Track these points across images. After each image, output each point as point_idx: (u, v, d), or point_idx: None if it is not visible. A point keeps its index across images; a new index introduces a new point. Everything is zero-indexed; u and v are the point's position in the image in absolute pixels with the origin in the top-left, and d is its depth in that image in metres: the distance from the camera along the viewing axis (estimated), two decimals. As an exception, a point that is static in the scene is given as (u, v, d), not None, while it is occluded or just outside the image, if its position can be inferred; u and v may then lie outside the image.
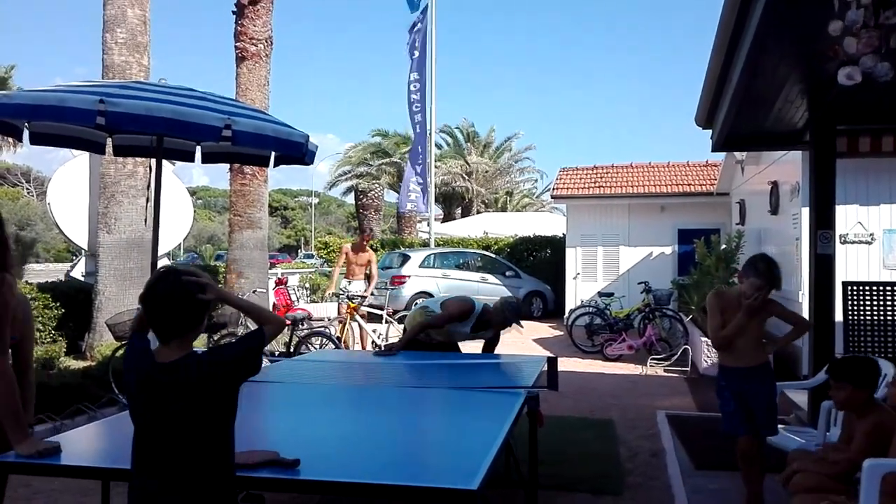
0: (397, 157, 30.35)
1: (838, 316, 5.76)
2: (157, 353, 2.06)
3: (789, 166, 8.94)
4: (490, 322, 5.34)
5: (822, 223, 5.72)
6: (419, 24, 17.64)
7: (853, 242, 8.55)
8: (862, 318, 5.81)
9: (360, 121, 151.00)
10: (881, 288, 5.87)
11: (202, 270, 2.42)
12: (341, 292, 10.13)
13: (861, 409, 3.28)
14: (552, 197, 17.04)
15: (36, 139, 5.12)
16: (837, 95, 5.04)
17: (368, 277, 10.43)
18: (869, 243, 8.54)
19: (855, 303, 5.84)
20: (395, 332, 11.21)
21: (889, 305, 5.77)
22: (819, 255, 5.70)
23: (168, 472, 2.00)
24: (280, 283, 13.11)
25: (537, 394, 3.41)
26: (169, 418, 1.99)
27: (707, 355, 8.95)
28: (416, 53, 17.70)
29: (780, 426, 4.55)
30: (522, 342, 12.47)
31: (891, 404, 3.32)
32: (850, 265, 8.38)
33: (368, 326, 9.94)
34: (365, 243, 10.80)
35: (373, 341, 9.73)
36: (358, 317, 9.75)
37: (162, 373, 2.00)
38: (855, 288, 5.90)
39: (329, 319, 10.13)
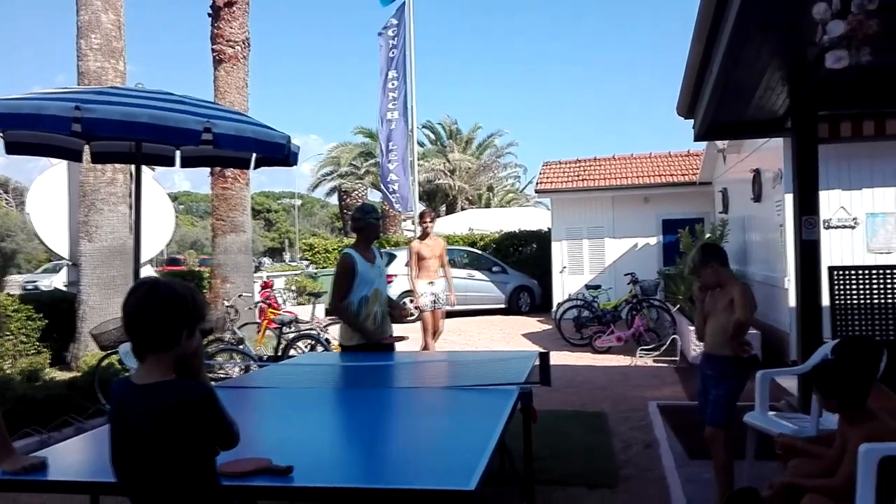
0: (381, 156, 30.21)
1: (825, 300, 5.79)
2: (136, 374, 1.99)
3: (771, 153, 8.98)
4: (363, 236, 4.90)
5: (807, 209, 5.74)
6: (395, 22, 17.53)
7: (837, 227, 8.61)
8: (848, 301, 5.83)
9: (342, 121, 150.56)
10: (867, 271, 5.90)
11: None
12: (431, 297, 8.47)
13: (852, 418, 2.98)
14: (536, 191, 17.04)
15: (11, 149, 5.04)
16: (818, 81, 5.06)
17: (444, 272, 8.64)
18: (852, 227, 8.61)
19: (841, 287, 5.86)
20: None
21: (875, 288, 5.80)
22: (804, 241, 5.73)
23: (153, 495, 1.94)
24: (266, 286, 13.02)
25: (530, 390, 3.38)
26: (140, 444, 1.90)
27: (695, 344, 8.98)
28: (394, 52, 17.59)
29: (771, 413, 4.57)
30: (511, 337, 12.48)
31: None
32: (835, 250, 8.44)
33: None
34: (429, 226, 8.57)
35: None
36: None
37: (137, 393, 1.91)
38: (841, 272, 5.92)
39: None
